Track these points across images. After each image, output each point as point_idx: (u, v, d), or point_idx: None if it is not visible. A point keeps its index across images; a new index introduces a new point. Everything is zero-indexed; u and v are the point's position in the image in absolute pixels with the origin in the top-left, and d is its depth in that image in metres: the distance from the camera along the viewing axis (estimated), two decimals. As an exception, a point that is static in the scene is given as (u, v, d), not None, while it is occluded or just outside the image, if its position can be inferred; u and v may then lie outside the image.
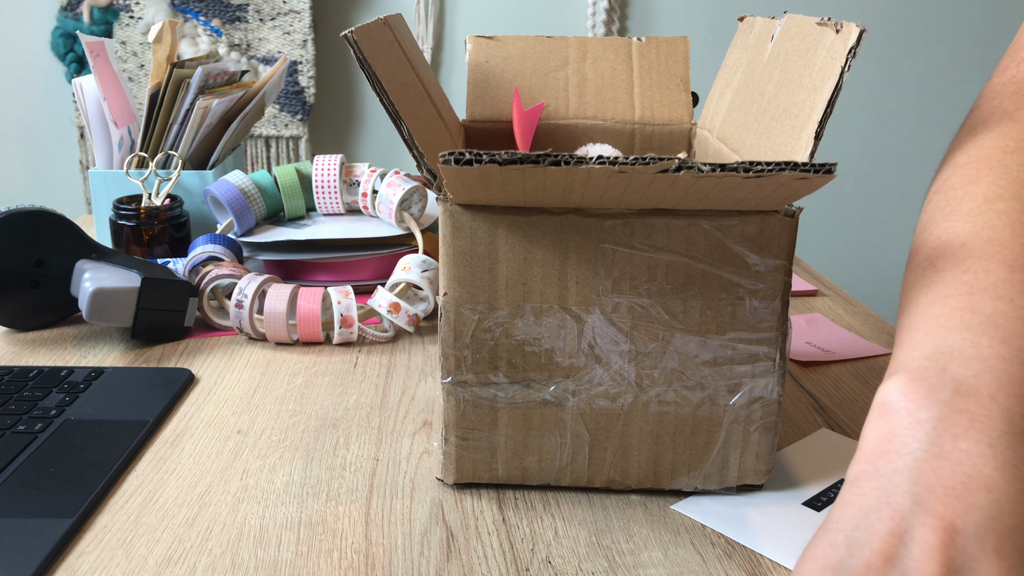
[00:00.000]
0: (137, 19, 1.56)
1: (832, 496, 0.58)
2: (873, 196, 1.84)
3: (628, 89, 0.83)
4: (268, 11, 1.57)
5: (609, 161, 0.44)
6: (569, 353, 0.54)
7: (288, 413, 0.69)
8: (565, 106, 0.83)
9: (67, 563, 0.51)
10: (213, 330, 0.85)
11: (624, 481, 0.58)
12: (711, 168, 0.44)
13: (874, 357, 0.80)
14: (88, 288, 0.76)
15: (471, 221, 0.52)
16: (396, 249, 0.93)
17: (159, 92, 1.02)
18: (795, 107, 0.55)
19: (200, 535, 0.53)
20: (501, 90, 0.83)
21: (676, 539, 0.53)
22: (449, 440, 0.57)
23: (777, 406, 0.56)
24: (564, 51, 0.84)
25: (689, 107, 0.83)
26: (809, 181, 0.45)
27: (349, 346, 0.81)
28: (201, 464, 0.61)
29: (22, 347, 0.81)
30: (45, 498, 0.55)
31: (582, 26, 1.69)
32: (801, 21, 0.60)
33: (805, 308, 0.92)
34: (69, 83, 1.63)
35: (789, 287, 0.53)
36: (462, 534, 0.54)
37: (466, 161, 0.45)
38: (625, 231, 0.52)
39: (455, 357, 0.55)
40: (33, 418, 0.65)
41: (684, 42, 0.85)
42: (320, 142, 1.71)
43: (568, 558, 0.51)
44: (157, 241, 0.96)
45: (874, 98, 1.79)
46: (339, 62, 1.67)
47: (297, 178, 0.97)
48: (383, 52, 0.57)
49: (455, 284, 0.54)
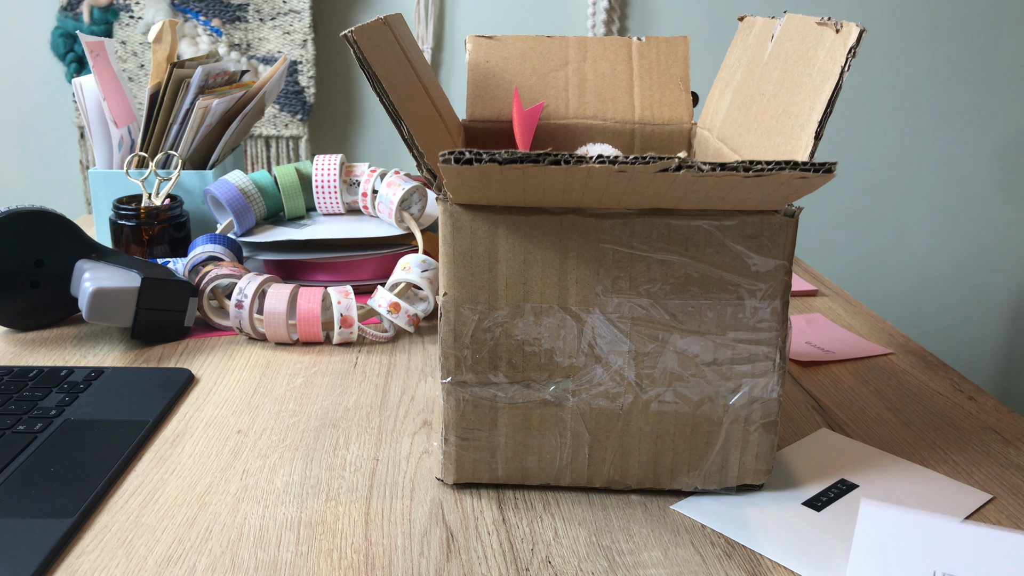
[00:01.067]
0: (137, 19, 1.56)
1: (832, 496, 0.58)
2: (873, 196, 1.84)
3: (628, 89, 0.83)
4: (268, 11, 1.57)
5: (609, 160, 0.44)
6: (569, 353, 0.54)
7: (288, 413, 0.69)
8: (565, 106, 0.83)
9: (67, 563, 0.51)
10: (213, 330, 0.85)
11: (624, 481, 0.57)
12: (711, 167, 0.44)
13: (874, 357, 0.80)
14: (88, 288, 0.76)
15: (471, 221, 0.52)
16: (396, 249, 0.93)
17: (159, 92, 1.02)
18: (795, 107, 0.55)
19: (200, 535, 0.53)
20: (501, 90, 0.83)
21: (676, 539, 0.53)
22: (449, 440, 0.57)
23: (777, 406, 0.56)
24: (564, 51, 0.84)
25: (689, 107, 0.83)
26: (809, 180, 0.45)
27: (349, 346, 0.81)
28: (201, 464, 0.61)
29: (22, 347, 0.81)
30: (45, 498, 0.55)
31: (582, 26, 1.69)
32: (801, 21, 0.60)
33: (805, 308, 0.92)
34: (69, 83, 1.63)
35: (789, 287, 0.53)
36: (462, 534, 0.54)
37: (466, 160, 0.45)
38: (625, 231, 0.52)
39: (455, 357, 0.55)
40: (33, 418, 0.65)
41: (684, 42, 0.85)
42: (320, 142, 1.71)
43: (568, 558, 0.51)
44: (157, 241, 0.96)
45: (874, 98, 1.78)
46: (339, 62, 1.67)
47: (297, 178, 0.97)
48: (383, 52, 0.57)
49: (455, 284, 0.54)
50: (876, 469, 0.61)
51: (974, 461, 0.63)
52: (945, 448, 0.64)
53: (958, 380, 0.76)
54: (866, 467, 0.62)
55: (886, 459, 0.63)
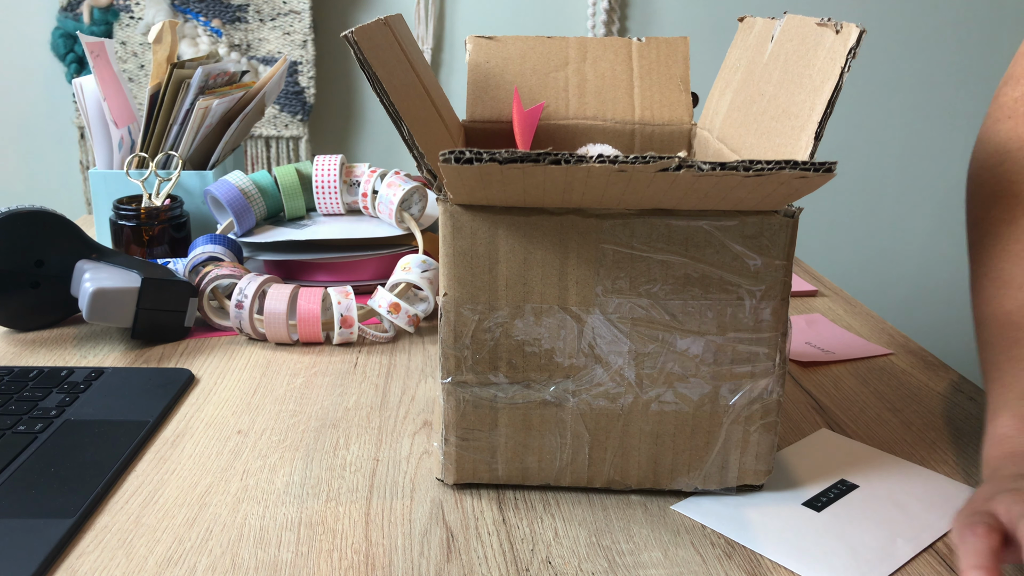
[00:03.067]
0: (137, 19, 1.56)
1: (832, 496, 0.58)
2: (873, 196, 1.84)
3: (628, 89, 0.83)
4: (268, 11, 1.57)
5: (609, 160, 0.44)
6: (569, 353, 0.54)
7: (288, 413, 0.69)
8: (565, 106, 0.83)
9: (67, 563, 0.51)
10: (213, 330, 0.85)
11: (624, 481, 0.57)
12: (711, 167, 0.44)
13: (874, 357, 0.80)
14: (88, 288, 0.76)
15: (471, 221, 0.52)
16: (396, 249, 0.93)
17: (159, 92, 1.02)
18: (795, 107, 0.55)
19: (200, 535, 0.53)
20: (501, 90, 0.83)
21: (676, 539, 0.53)
22: (449, 440, 0.57)
23: (777, 406, 0.56)
24: (564, 51, 0.84)
25: (689, 107, 0.83)
26: (809, 180, 0.45)
27: (349, 346, 0.81)
28: (201, 464, 0.61)
29: (22, 347, 0.81)
30: (45, 498, 0.55)
31: (582, 26, 1.69)
32: (801, 22, 0.60)
33: (805, 308, 0.92)
34: (69, 83, 1.63)
35: (789, 287, 0.53)
36: (462, 534, 0.54)
37: (466, 159, 0.45)
38: (625, 231, 0.52)
39: (455, 357, 0.55)
40: (33, 418, 0.65)
41: (684, 42, 0.85)
42: (320, 142, 1.71)
43: (568, 558, 0.51)
44: (157, 241, 0.96)
45: (874, 98, 1.78)
46: (339, 62, 1.67)
47: (297, 178, 0.97)
48: (383, 52, 0.57)
49: (455, 284, 0.54)
50: (876, 469, 0.61)
51: (974, 461, 0.63)
52: (945, 448, 0.64)
53: (958, 380, 0.76)
54: (866, 467, 0.62)
55: (886, 459, 0.63)
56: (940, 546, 0.53)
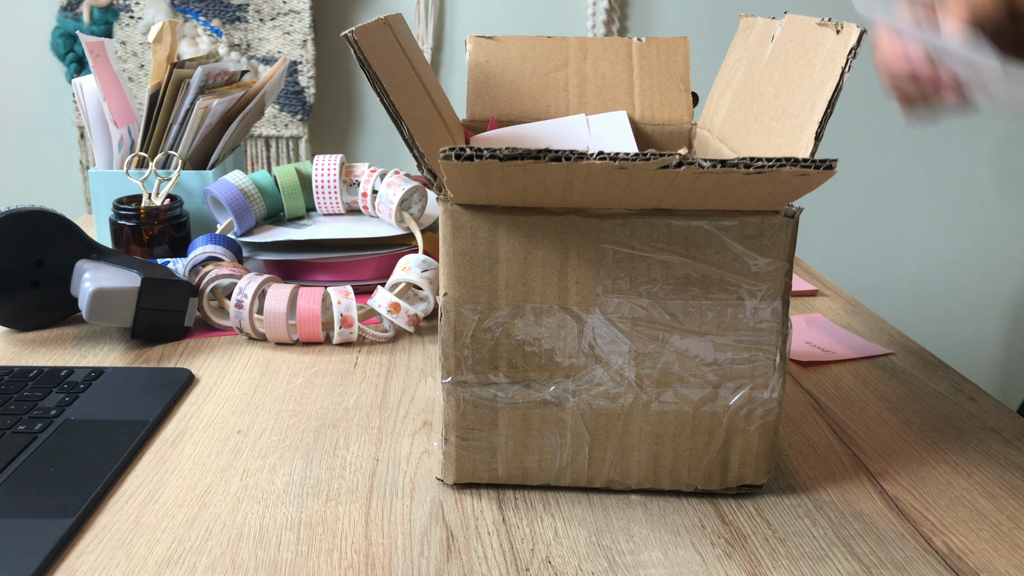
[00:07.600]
0: (137, 19, 1.56)
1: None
2: (873, 196, 1.84)
3: (628, 89, 0.83)
4: (268, 11, 1.57)
5: (610, 157, 0.44)
6: (569, 353, 0.54)
7: (288, 413, 0.69)
8: (565, 106, 0.83)
9: (67, 563, 0.51)
10: (213, 330, 0.85)
11: (624, 481, 0.57)
12: (712, 164, 0.44)
13: (874, 357, 0.80)
14: (88, 288, 0.76)
15: (471, 221, 0.52)
16: (396, 249, 0.93)
17: (159, 92, 1.02)
18: (795, 107, 0.55)
19: (200, 535, 0.53)
20: (501, 90, 0.83)
21: (676, 539, 0.53)
22: (449, 440, 0.57)
23: (777, 406, 0.56)
24: (564, 51, 0.84)
25: (689, 107, 0.83)
26: (810, 177, 0.45)
27: (349, 346, 0.81)
28: (201, 464, 0.61)
29: (22, 347, 0.81)
30: (45, 498, 0.55)
31: (582, 26, 1.69)
32: (802, 22, 0.60)
33: (805, 308, 0.92)
34: (69, 83, 1.63)
35: (789, 287, 0.53)
36: (462, 534, 0.54)
37: (467, 156, 0.45)
38: (625, 231, 0.52)
39: (455, 357, 0.55)
40: (33, 418, 0.65)
41: (684, 42, 0.85)
42: (320, 142, 1.71)
43: (568, 558, 0.51)
44: (157, 241, 0.96)
45: (874, 98, 1.78)
46: (339, 62, 1.67)
47: (297, 178, 0.97)
48: (383, 52, 0.57)
49: (455, 284, 0.53)
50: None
51: (974, 461, 0.63)
52: (945, 448, 0.64)
53: (958, 380, 0.76)
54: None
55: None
56: (940, 546, 0.53)
